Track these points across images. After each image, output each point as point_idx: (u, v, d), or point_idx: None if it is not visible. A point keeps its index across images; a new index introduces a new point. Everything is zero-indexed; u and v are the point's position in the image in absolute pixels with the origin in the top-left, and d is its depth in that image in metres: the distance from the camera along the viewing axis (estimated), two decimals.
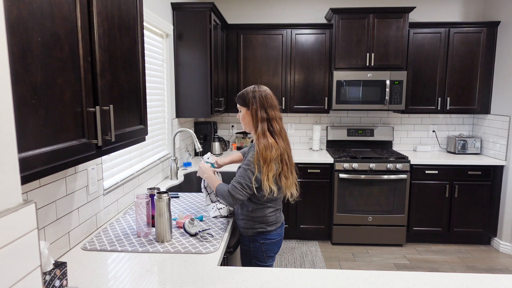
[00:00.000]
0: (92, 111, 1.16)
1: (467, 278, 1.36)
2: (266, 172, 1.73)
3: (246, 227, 1.87)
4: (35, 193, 1.37)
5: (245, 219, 1.87)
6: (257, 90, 1.86)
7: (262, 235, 1.86)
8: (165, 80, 3.06)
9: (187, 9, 3.14)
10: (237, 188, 1.74)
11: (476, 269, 3.37)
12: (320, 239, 3.94)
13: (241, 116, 1.90)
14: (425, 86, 3.91)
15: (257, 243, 1.86)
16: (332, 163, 3.72)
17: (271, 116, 1.81)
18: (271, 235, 1.88)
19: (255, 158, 1.74)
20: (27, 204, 0.66)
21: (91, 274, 1.39)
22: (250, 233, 1.87)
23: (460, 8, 4.14)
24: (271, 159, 1.74)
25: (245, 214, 1.87)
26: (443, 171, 3.73)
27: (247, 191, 1.75)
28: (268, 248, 1.88)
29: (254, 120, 1.82)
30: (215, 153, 3.99)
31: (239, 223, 1.91)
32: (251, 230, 1.86)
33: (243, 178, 1.75)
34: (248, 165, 1.76)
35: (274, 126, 1.82)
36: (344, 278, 1.36)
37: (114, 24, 1.32)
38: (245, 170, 1.75)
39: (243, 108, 1.88)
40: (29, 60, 0.87)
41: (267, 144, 1.75)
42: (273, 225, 1.88)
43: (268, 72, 3.97)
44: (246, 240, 1.89)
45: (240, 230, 1.93)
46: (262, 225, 1.85)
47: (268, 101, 1.83)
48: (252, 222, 1.85)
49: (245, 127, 1.91)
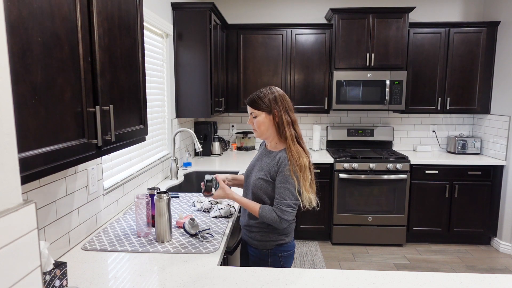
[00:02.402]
0: (92, 111, 1.16)
1: (467, 278, 1.36)
2: (304, 182, 1.60)
3: (264, 239, 1.69)
4: (35, 193, 1.37)
5: (262, 231, 1.69)
6: (276, 91, 1.67)
7: (281, 247, 1.70)
8: (165, 80, 3.06)
9: (187, 9, 3.14)
10: (288, 211, 1.59)
11: (476, 269, 3.37)
12: (320, 239, 3.94)
13: (258, 122, 1.67)
14: (425, 86, 3.91)
15: (276, 256, 1.70)
16: (332, 163, 3.72)
17: (293, 120, 1.66)
18: (288, 246, 1.73)
19: (291, 170, 1.59)
20: (27, 204, 0.66)
21: (91, 274, 1.39)
22: (269, 246, 1.69)
23: (460, 8, 4.14)
24: (305, 166, 1.60)
25: (262, 226, 1.68)
26: (443, 171, 3.73)
27: (295, 210, 1.62)
28: (287, 260, 1.73)
29: (279, 126, 1.64)
30: (214, 153, 3.99)
31: (254, 236, 1.73)
32: (270, 242, 1.69)
33: (290, 198, 1.60)
34: (287, 181, 1.60)
35: (297, 130, 1.67)
36: (344, 278, 1.36)
37: (114, 24, 1.32)
38: (287, 189, 1.59)
39: (261, 112, 1.66)
40: (29, 60, 0.87)
41: (299, 151, 1.60)
42: (290, 235, 1.73)
43: (268, 72, 3.97)
44: (263, 254, 1.71)
45: (253, 244, 1.74)
46: (281, 237, 1.69)
47: (288, 103, 1.67)
48: (271, 234, 1.69)
49: (262, 133, 1.69)
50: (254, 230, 1.72)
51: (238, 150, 4.30)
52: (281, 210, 1.59)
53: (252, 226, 1.72)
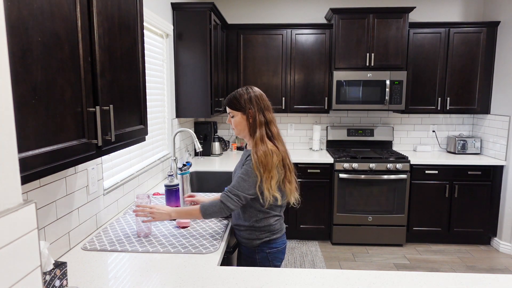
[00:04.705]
0: (92, 111, 1.16)
1: (467, 278, 1.36)
2: (268, 180, 1.61)
3: (250, 238, 1.76)
4: (35, 193, 1.37)
5: (248, 230, 1.76)
6: (252, 92, 1.71)
7: (268, 244, 1.75)
8: (165, 80, 3.06)
9: (187, 9, 3.15)
10: (234, 200, 1.63)
11: (476, 269, 3.37)
12: (320, 239, 3.94)
13: (235, 122, 1.74)
14: (425, 86, 3.91)
15: (263, 253, 1.76)
16: (332, 163, 3.72)
17: (268, 120, 1.70)
18: (277, 243, 1.77)
19: (255, 166, 1.62)
20: (27, 204, 0.66)
21: (91, 274, 1.39)
22: (256, 244, 1.75)
23: (460, 8, 4.14)
24: (272, 166, 1.62)
25: (248, 224, 1.75)
26: (443, 171, 3.73)
27: (242, 202, 1.65)
28: (275, 256, 1.78)
29: (251, 125, 1.70)
30: (214, 153, 3.99)
31: (242, 234, 1.79)
32: (256, 240, 1.75)
33: (240, 189, 1.64)
34: (246, 174, 1.64)
35: (272, 129, 1.70)
36: (344, 278, 1.36)
37: (114, 24, 1.32)
38: (243, 180, 1.64)
39: (237, 112, 1.72)
40: (29, 60, 0.87)
41: (267, 151, 1.62)
42: (278, 233, 1.78)
43: (268, 72, 3.97)
44: (251, 252, 1.77)
45: (242, 242, 1.80)
46: (267, 234, 1.75)
47: (264, 102, 1.71)
48: (257, 232, 1.74)
49: (239, 132, 1.76)
50: (242, 229, 1.78)
51: (238, 150, 4.30)
52: (227, 196, 1.64)
53: (240, 225, 1.78)
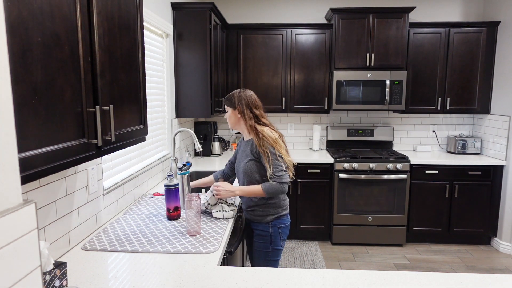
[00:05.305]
0: (92, 111, 1.16)
1: (467, 278, 1.36)
2: (280, 149, 1.94)
3: (264, 214, 2.04)
4: (35, 193, 1.37)
5: (262, 208, 2.04)
6: (243, 92, 2.07)
7: (279, 220, 2.06)
8: (165, 80, 3.06)
9: (187, 9, 3.14)
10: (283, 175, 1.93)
11: (476, 269, 3.37)
12: (320, 239, 3.94)
13: (227, 116, 2.10)
14: (425, 86, 3.91)
15: (276, 227, 2.05)
16: (332, 163, 3.72)
17: (257, 115, 2.03)
18: (285, 219, 2.09)
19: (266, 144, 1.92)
20: (27, 204, 0.66)
21: (91, 274, 1.39)
22: (270, 219, 2.04)
23: (460, 8, 4.14)
24: (275, 139, 1.95)
25: (261, 203, 2.04)
26: (443, 171, 3.72)
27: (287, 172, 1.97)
28: (284, 231, 2.08)
29: (242, 118, 2.03)
30: (214, 153, 3.99)
31: (256, 213, 2.06)
32: (270, 216, 2.04)
33: (279, 165, 1.93)
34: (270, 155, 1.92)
35: (263, 121, 2.03)
36: (344, 278, 1.36)
37: (114, 24, 1.32)
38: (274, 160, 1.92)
39: (229, 108, 2.07)
40: (29, 60, 0.87)
41: (263, 129, 1.97)
42: (286, 209, 2.10)
43: (268, 72, 3.97)
44: (265, 227, 2.05)
45: (256, 220, 2.07)
46: (278, 210, 2.05)
47: (252, 101, 2.03)
48: (270, 208, 2.04)
49: (232, 125, 2.11)
50: (256, 209, 2.07)
51: None
52: (278, 176, 1.94)
53: (254, 206, 2.07)
